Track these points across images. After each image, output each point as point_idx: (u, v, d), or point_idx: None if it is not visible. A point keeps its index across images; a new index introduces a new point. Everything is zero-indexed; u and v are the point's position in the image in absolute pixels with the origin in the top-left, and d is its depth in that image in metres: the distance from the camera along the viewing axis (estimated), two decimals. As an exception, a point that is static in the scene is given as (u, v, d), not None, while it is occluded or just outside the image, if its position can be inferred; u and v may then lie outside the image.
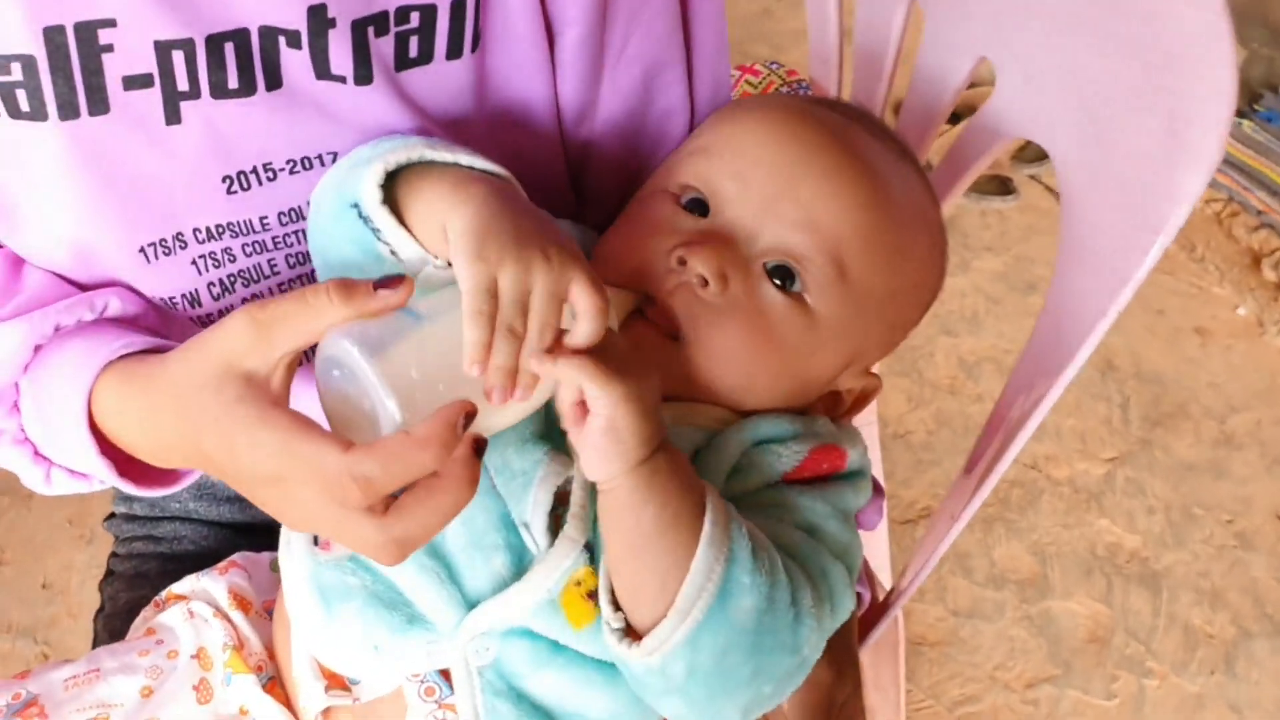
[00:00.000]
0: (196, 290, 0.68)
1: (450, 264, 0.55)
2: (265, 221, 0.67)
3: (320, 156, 0.65)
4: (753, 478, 0.63)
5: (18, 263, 0.66)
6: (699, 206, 0.65)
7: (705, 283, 0.62)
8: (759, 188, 0.64)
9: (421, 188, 0.58)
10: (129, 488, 0.64)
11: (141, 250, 0.65)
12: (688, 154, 0.68)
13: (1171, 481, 1.68)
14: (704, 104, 0.75)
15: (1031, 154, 2.12)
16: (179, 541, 0.84)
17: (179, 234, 0.66)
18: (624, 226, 0.67)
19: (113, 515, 0.89)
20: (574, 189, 0.77)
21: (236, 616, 0.70)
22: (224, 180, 0.64)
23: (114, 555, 0.87)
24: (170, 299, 0.68)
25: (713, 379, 0.64)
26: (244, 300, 0.70)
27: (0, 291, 0.64)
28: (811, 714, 0.65)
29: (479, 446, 0.52)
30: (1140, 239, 0.64)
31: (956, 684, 1.46)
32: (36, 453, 0.67)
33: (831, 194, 0.64)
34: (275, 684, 0.68)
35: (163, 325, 0.69)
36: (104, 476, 0.63)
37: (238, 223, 0.66)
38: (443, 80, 0.65)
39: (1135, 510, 1.64)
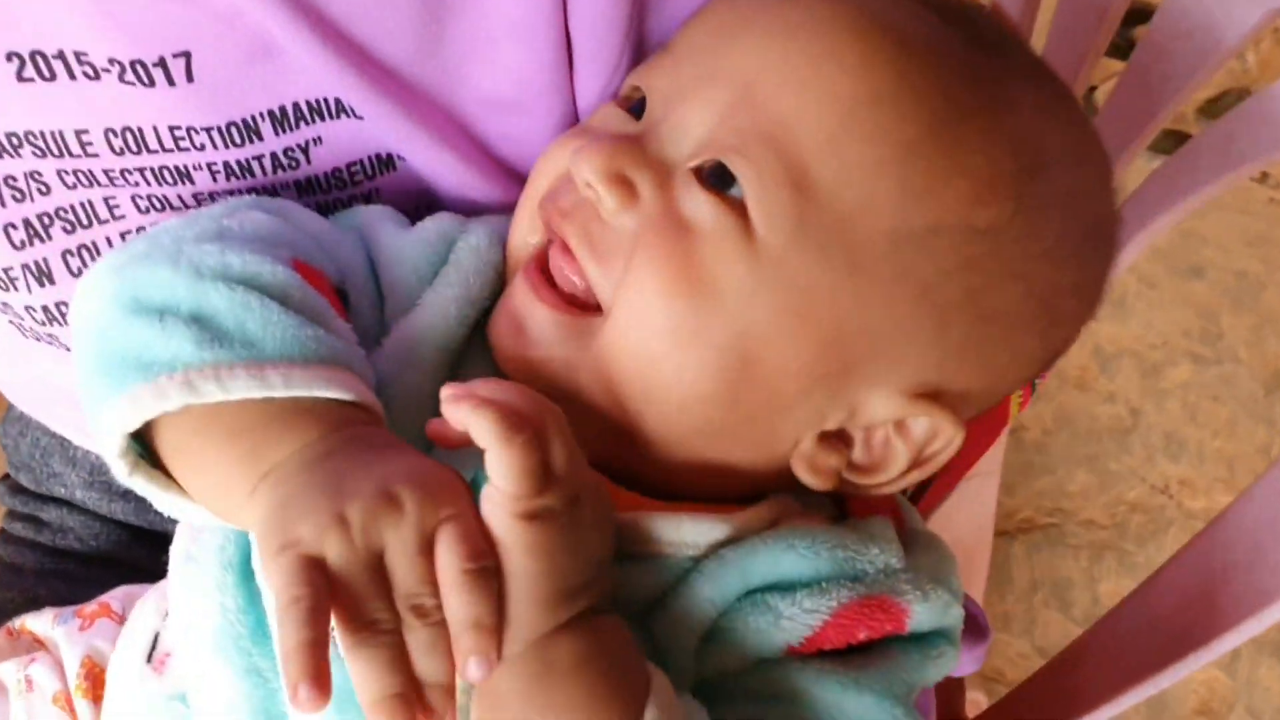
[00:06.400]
0: None
1: None
2: (87, 141, 0.47)
3: (163, 62, 0.45)
4: (735, 653, 0.43)
5: None
6: (640, 110, 0.48)
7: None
8: (691, 68, 0.46)
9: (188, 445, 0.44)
10: None
11: None
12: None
13: (1328, 531, 1.44)
14: None
15: (1224, 107, 1.83)
16: (64, 534, 0.68)
17: None
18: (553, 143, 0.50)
19: (6, 477, 0.73)
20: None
21: (81, 707, 0.54)
22: (9, 58, 0.45)
23: (-2, 530, 0.72)
24: None
25: (620, 368, 0.44)
26: (63, 253, 0.51)
27: None
28: None
29: None
30: None
31: (1032, 739, 1.28)
32: None
33: (783, 51, 0.44)
34: None
35: None
36: None
37: (43, 134, 0.47)
38: None
39: None
